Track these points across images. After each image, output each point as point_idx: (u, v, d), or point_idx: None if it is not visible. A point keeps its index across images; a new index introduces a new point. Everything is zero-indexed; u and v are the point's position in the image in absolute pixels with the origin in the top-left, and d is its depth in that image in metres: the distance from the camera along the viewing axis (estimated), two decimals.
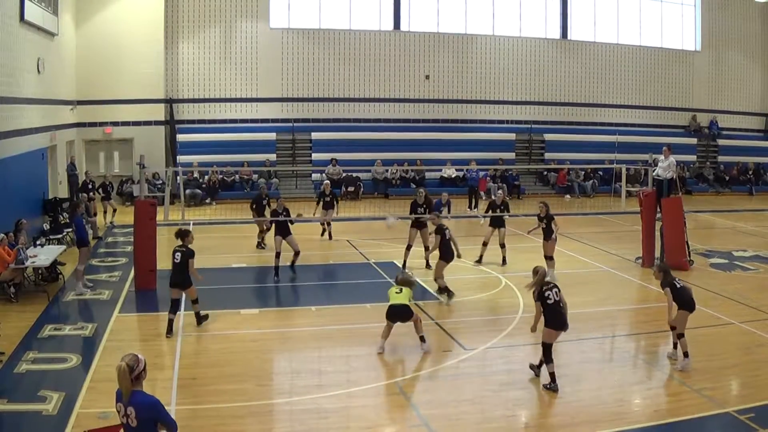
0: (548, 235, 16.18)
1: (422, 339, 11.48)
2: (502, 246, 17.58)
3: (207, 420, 8.89)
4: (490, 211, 17.99)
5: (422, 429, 8.79)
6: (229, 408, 9.24)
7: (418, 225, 17.12)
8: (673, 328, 10.80)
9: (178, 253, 12.24)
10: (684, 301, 10.67)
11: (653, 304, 14.26)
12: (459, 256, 14.73)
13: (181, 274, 12.25)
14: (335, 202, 20.79)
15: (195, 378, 10.20)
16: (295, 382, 10.50)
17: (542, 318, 10.14)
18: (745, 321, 13.06)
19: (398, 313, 11.39)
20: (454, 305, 14.19)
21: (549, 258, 16.04)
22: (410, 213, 17.23)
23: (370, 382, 10.26)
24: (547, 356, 9.97)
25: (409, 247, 16.96)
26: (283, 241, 16.20)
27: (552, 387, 9.87)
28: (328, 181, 22.49)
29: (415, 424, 8.92)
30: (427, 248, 16.64)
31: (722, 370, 10.74)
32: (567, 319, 10.10)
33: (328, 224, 21.10)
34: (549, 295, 10.00)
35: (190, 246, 12.44)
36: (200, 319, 12.65)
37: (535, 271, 10.36)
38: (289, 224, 16.43)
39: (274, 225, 16.63)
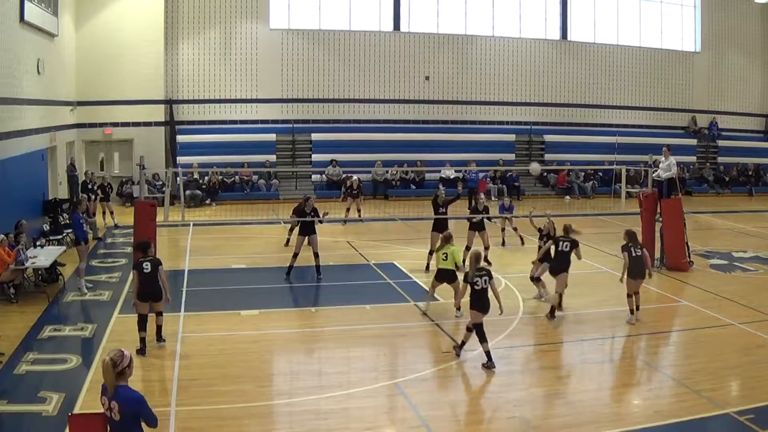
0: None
1: (458, 308, 12.95)
2: (486, 248, 17.23)
3: (207, 421, 8.89)
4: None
5: (422, 430, 8.79)
6: (228, 409, 9.24)
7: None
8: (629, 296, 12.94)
9: (147, 263, 11.30)
10: (634, 268, 12.75)
11: (653, 305, 14.26)
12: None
13: (153, 285, 11.30)
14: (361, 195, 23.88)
15: (195, 379, 10.20)
16: (295, 383, 10.50)
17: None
18: (745, 322, 13.06)
19: (446, 276, 13.08)
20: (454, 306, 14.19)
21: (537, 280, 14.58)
22: (435, 212, 17.28)
23: (369, 383, 10.26)
24: (481, 336, 10.73)
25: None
26: (306, 239, 16.18)
27: (489, 365, 10.58)
28: (356, 177, 24.61)
29: (415, 425, 8.91)
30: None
31: (722, 371, 10.74)
32: (489, 304, 10.85)
33: (358, 210, 23.60)
34: (478, 281, 10.78)
35: (156, 256, 11.67)
36: (160, 336, 11.63)
37: (470, 256, 11.43)
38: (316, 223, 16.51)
39: (300, 224, 16.60)
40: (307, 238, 16.14)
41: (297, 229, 17.05)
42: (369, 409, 9.42)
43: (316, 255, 16.21)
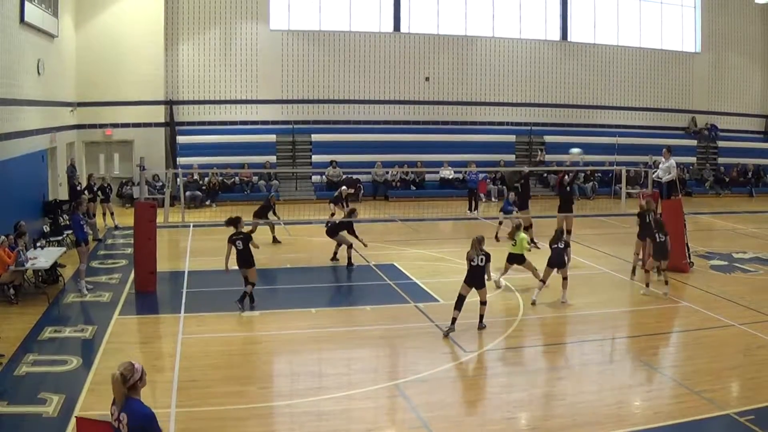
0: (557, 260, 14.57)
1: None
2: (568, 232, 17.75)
3: (207, 422, 8.89)
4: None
5: (423, 431, 8.79)
6: (229, 410, 9.23)
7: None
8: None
9: (239, 241, 13.82)
10: (658, 251, 14.96)
11: (653, 306, 14.27)
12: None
13: (244, 259, 13.85)
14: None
15: (195, 380, 10.19)
16: (296, 384, 10.50)
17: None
18: (746, 323, 13.06)
19: (515, 259, 14.93)
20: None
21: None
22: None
23: (370, 384, 10.26)
24: (457, 304, 12.18)
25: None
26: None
27: (450, 329, 12.14)
28: (345, 188, 24.41)
29: (416, 426, 8.91)
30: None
31: (722, 372, 10.75)
32: (482, 281, 12.25)
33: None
34: (474, 259, 12.10)
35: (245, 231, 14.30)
36: (251, 299, 13.95)
37: (473, 239, 12.40)
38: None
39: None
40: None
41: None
42: (369, 411, 9.42)
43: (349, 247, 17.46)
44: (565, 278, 14.56)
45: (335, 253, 17.86)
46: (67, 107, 26.09)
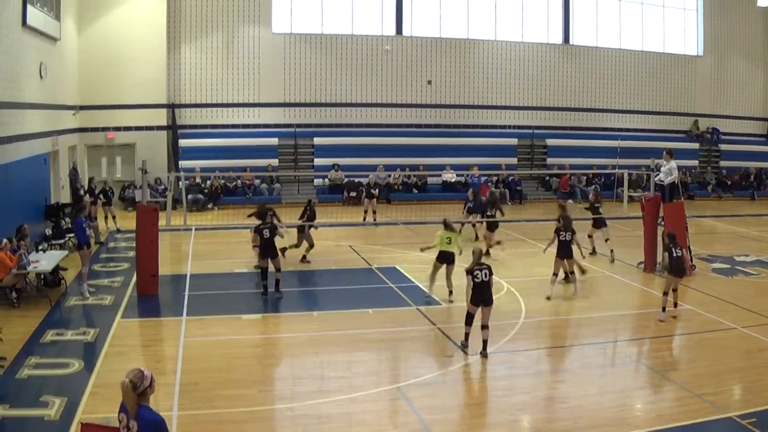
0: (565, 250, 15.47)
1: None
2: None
3: (208, 425, 8.89)
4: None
5: None
6: (230, 413, 9.23)
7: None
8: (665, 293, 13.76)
9: (266, 230, 14.71)
10: (675, 267, 13.60)
11: (655, 309, 14.24)
12: None
13: (271, 247, 14.76)
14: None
15: (197, 383, 10.19)
16: (297, 387, 10.49)
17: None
18: (747, 326, 13.05)
19: (448, 258, 14.48)
20: (456, 310, 14.20)
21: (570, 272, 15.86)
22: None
23: (371, 387, 10.25)
24: (467, 320, 11.46)
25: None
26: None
27: (464, 344, 11.49)
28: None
29: (417, 430, 8.90)
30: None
31: (724, 375, 10.74)
32: (490, 296, 11.42)
33: (374, 212, 24.55)
34: (477, 274, 11.25)
35: (273, 221, 15.17)
36: (278, 288, 14.88)
37: (473, 252, 11.91)
38: None
39: None
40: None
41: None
42: (371, 414, 9.42)
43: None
44: (572, 272, 15.46)
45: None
46: (70, 110, 26.14)
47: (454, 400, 9.89)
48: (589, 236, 19.19)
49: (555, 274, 15.02)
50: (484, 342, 11.31)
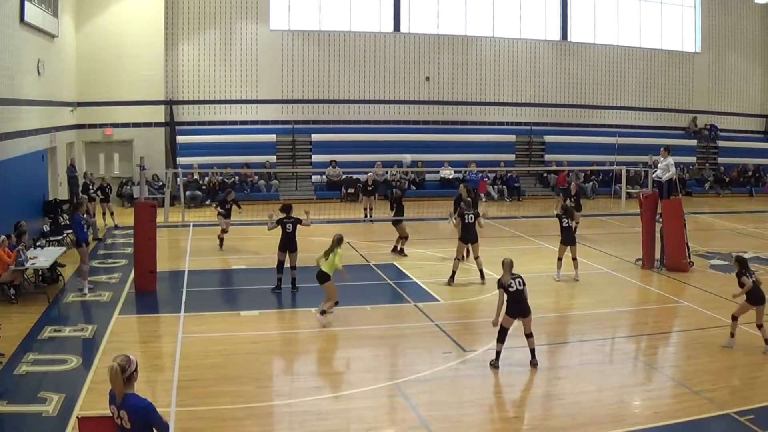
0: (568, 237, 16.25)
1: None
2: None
3: (206, 422, 8.89)
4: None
5: (422, 431, 8.78)
6: (228, 410, 9.24)
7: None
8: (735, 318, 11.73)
9: (289, 224, 14.78)
10: (755, 295, 11.39)
11: (653, 306, 14.27)
12: None
13: (291, 241, 14.79)
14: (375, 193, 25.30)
15: (195, 379, 10.19)
16: (295, 383, 10.51)
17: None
18: (745, 322, 13.00)
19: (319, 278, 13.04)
20: (454, 307, 14.22)
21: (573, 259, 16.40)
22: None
23: (370, 383, 10.26)
24: (500, 337, 10.66)
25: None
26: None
27: (494, 364, 10.66)
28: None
29: (415, 426, 8.91)
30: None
31: (722, 372, 10.75)
32: (527, 306, 10.67)
33: (370, 209, 24.75)
34: (512, 284, 10.59)
35: (292, 215, 15.01)
36: (293, 283, 14.98)
37: (503, 262, 10.93)
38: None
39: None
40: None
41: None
42: (369, 410, 9.42)
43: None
44: (575, 258, 16.13)
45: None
46: (67, 107, 26.10)
47: (452, 397, 9.90)
48: (559, 259, 16.37)
49: (560, 259, 16.15)
50: (532, 351, 10.79)
